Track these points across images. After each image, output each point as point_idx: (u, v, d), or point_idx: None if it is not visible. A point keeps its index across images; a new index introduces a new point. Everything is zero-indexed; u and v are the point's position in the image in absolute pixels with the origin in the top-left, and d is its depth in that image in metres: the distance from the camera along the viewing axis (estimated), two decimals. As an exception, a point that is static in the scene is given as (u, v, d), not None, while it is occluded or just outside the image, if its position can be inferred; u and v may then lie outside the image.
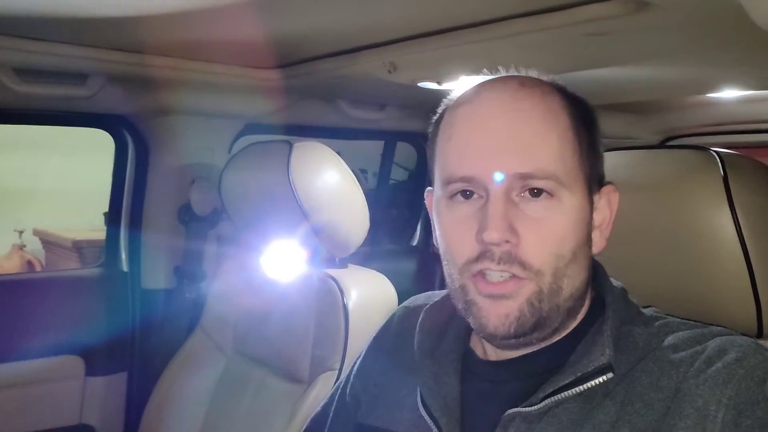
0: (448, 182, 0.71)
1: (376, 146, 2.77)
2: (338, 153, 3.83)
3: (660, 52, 1.24)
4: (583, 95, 0.77)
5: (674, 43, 1.16)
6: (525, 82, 0.72)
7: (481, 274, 0.69)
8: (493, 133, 0.68)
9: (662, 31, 1.03)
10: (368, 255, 2.23)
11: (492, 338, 0.72)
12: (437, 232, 0.75)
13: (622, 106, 2.36)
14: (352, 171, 3.99)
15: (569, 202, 0.68)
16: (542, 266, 0.68)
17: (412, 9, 1.15)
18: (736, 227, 0.82)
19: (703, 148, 0.89)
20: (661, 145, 2.69)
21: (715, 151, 0.87)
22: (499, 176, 0.67)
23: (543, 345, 0.73)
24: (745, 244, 0.82)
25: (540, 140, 0.68)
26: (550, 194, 0.68)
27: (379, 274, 1.50)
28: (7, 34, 1.37)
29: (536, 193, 0.68)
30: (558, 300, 0.69)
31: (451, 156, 0.71)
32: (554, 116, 0.69)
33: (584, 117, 0.72)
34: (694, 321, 0.75)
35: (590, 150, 0.72)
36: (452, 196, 0.71)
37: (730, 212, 0.82)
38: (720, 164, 0.85)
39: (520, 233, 0.67)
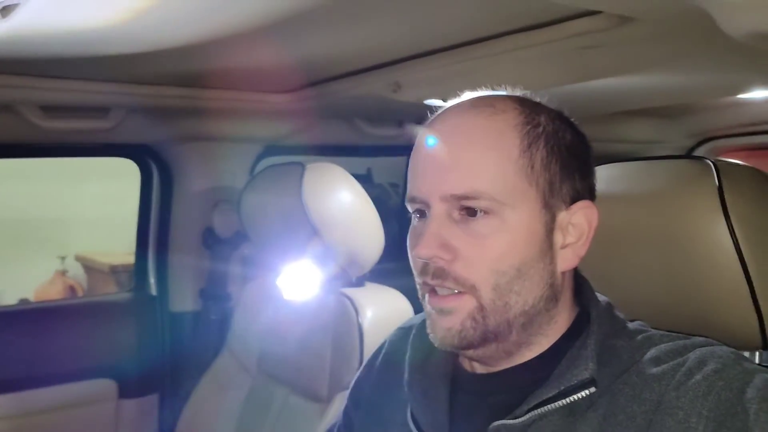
0: (407, 202, 0.76)
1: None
2: (368, 169, 3.83)
3: (661, 60, 1.22)
4: (604, 102, 0.76)
5: (674, 51, 1.14)
6: (477, 102, 0.74)
7: (431, 287, 0.72)
8: (433, 156, 0.72)
9: (655, 40, 1.02)
10: (393, 271, 2.24)
11: (443, 348, 0.75)
12: None
13: (651, 110, 2.33)
14: (383, 186, 3.98)
15: (512, 220, 0.70)
16: (478, 282, 0.70)
17: (413, 30, 1.17)
18: (732, 237, 0.81)
19: (698, 158, 0.88)
20: (690, 152, 2.65)
21: (710, 161, 0.86)
22: (435, 198, 0.71)
23: (525, 354, 0.74)
24: (743, 255, 0.80)
25: (477, 162, 0.70)
26: (488, 212, 0.69)
27: (395, 291, 1.51)
28: (32, 75, 1.44)
29: (473, 212, 0.70)
30: (507, 315, 0.71)
31: (409, 177, 0.75)
32: (498, 136, 0.70)
33: (549, 134, 0.72)
34: (677, 333, 0.75)
35: (551, 166, 0.71)
36: (413, 214, 0.76)
37: (725, 222, 0.81)
38: (715, 173, 0.84)
39: (457, 250, 0.70)
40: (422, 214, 0.74)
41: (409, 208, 0.76)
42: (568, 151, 0.73)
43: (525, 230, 0.70)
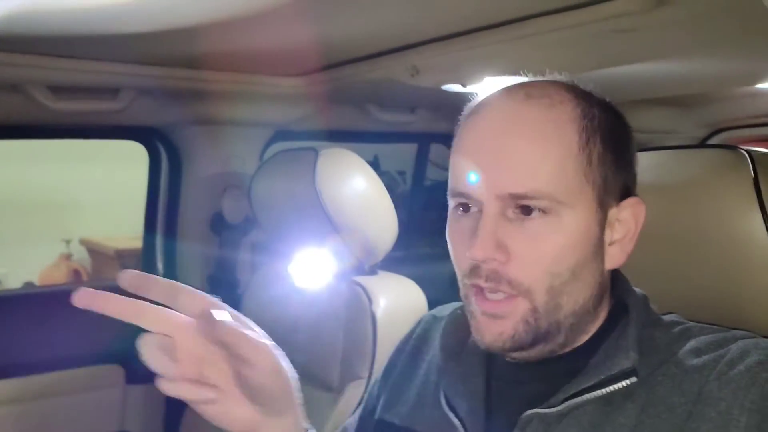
0: (450, 195, 0.71)
1: (414, 148, 2.75)
2: (375, 156, 3.81)
3: (696, 45, 1.19)
4: (619, 91, 0.73)
5: (708, 36, 1.12)
6: (532, 92, 0.69)
7: (479, 288, 0.69)
8: (489, 151, 0.67)
9: (690, 24, 1.00)
10: (402, 259, 2.22)
11: (489, 350, 0.72)
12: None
13: (663, 99, 2.30)
14: (390, 173, 3.95)
15: (569, 219, 0.66)
16: (532, 284, 0.67)
17: (433, 12, 1.14)
18: (767, 229, 0.79)
19: (732, 147, 0.86)
20: (701, 144, 2.63)
21: (745, 150, 0.84)
22: (490, 195, 0.66)
23: (565, 350, 0.72)
24: (777, 247, 0.78)
25: (537, 158, 0.66)
26: (545, 212, 0.66)
27: (408, 280, 1.49)
28: (41, 54, 1.41)
29: (529, 210, 0.66)
30: (557, 316, 0.68)
31: (454, 169, 0.71)
32: (558, 130, 0.67)
33: (603, 127, 0.69)
34: (717, 326, 0.72)
35: (606, 161, 0.68)
36: (455, 207, 0.72)
37: (761, 213, 0.79)
38: (750, 163, 0.82)
39: (511, 251, 0.66)
40: (466, 208, 0.70)
41: (452, 201, 0.72)
42: (619, 144, 0.70)
43: (581, 230, 0.67)
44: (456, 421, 0.74)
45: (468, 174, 0.68)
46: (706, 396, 0.62)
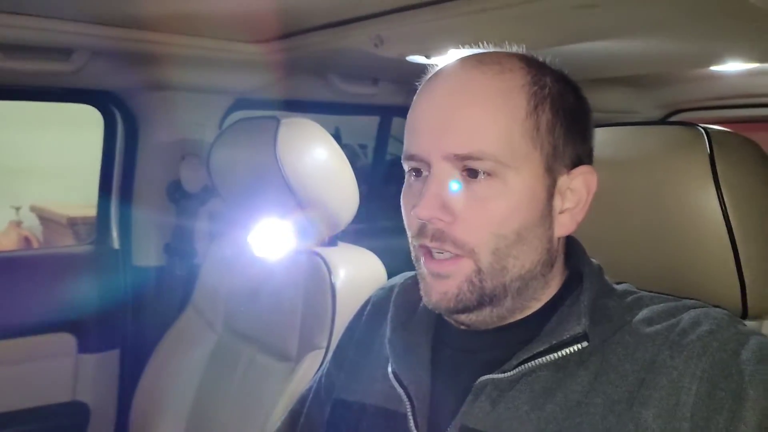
0: (404, 158, 0.74)
1: (376, 122, 2.74)
2: (337, 128, 3.79)
3: (655, 24, 1.20)
4: (578, 69, 0.75)
5: (670, 15, 1.13)
6: (484, 59, 0.71)
7: (427, 249, 0.71)
8: (437, 113, 0.69)
9: (655, 2, 1.00)
10: (362, 232, 2.22)
11: (436, 310, 0.74)
12: None
13: (622, 79, 2.32)
14: (352, 146, 3.93)
15: (515, 183, 0.68)
16: (477, 245, 0.68)
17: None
18: (721, 206, 0.81)
19: (690, 125, 0.87)
20: (660, 120, 2.67)
21: (702, 128, 0.85)
22: (436, 156, 0.68)
23: (517, 318, 0.74)
24: (731, 224, 0.81)
25: (483, 121, 0.67)
26: (491, 174, 0.67)
27: (368, 252, 1.48)
28: (-10, 10, 1.35)
29: (475, 173, 0.68)
30: (503, 279, 0.70)
31: (407, 134, 0.73)
32: (505, 96, 0.68)
33: (554, 96, 0.70)
34: (667, 294, 0.75)
35: (556, 129, 0.70)
36: (408, 173, 0.74)
37: (715, 191, 0.81)
38: (707, 141, 0.83)
39: (456, 212, 0.68)
40: (418, 173, 0.72)
41: (405, 165, 0.74)
42: (571, 115, 0.72)
43: (527, 194, 0.69)
44: (400, 390, 0.76)
45: (418, 136, 0.70)
46: (659, 364, 0.64)
